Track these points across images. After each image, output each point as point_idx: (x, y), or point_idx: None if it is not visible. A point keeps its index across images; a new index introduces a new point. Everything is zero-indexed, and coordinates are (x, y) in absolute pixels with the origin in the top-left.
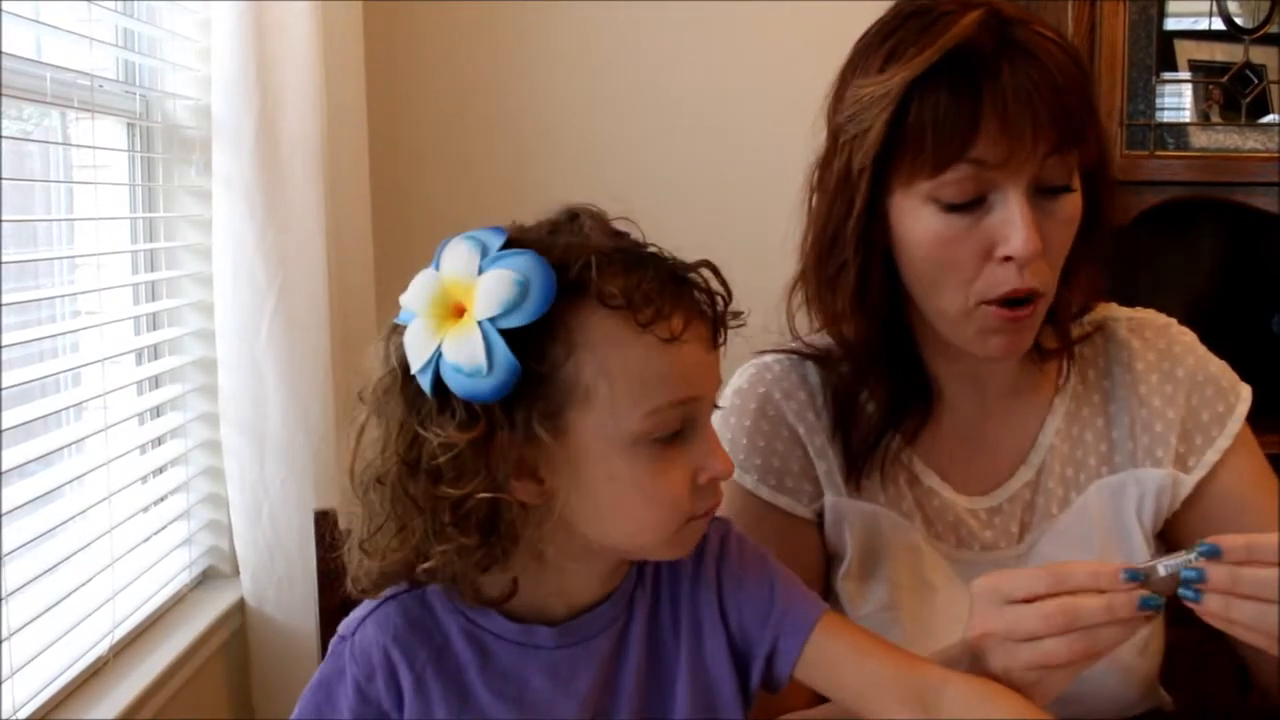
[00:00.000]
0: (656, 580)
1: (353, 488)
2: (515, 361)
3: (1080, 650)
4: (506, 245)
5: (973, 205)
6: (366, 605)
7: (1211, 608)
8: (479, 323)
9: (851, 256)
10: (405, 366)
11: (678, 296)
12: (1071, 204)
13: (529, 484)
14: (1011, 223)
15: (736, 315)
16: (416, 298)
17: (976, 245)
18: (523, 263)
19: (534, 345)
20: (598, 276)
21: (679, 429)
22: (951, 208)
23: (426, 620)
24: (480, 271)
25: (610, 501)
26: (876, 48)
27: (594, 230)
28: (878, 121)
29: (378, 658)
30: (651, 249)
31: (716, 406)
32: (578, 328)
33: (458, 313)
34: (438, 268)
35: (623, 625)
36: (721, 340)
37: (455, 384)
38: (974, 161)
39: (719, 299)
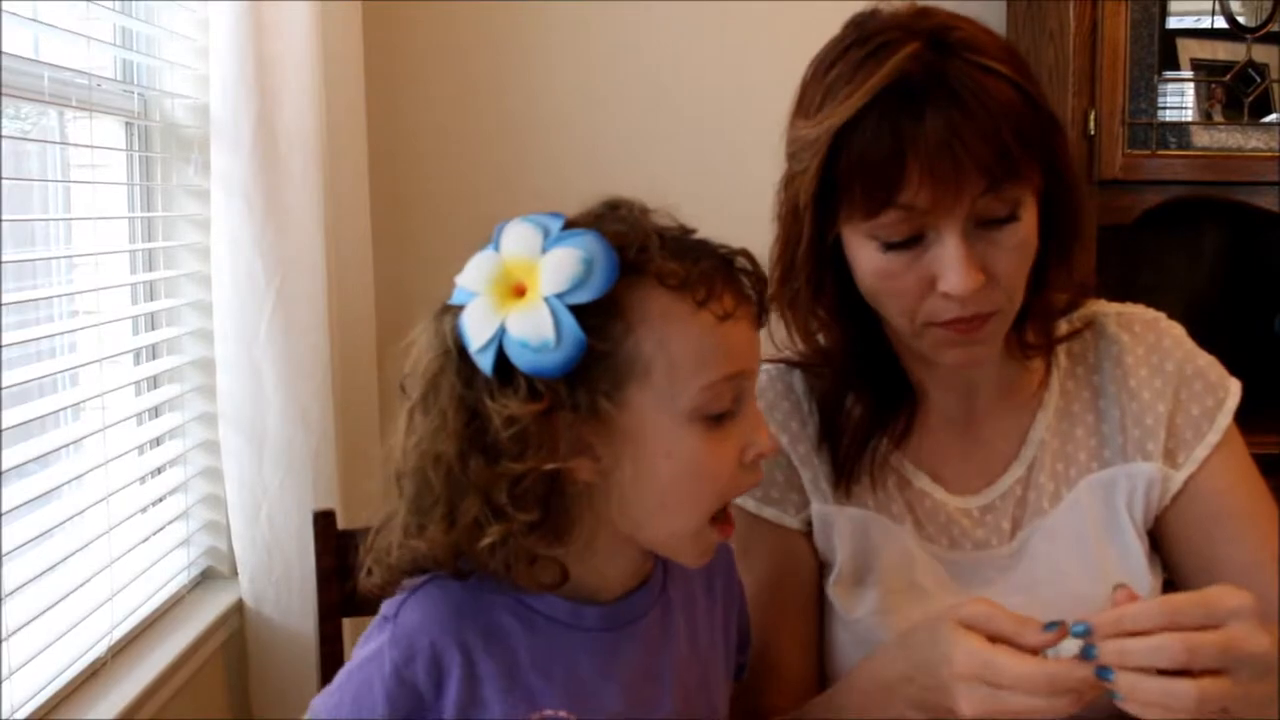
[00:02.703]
0: (681, 577)
1: (398, 475)
2: (582, 336)
3: (1045, 709)
4: (565, 228)
5: (911, 243)
6: (410, 585)
7: (1119, 686)
8: (546, 299)
9: (804, 282)
10: (460, 347)
11: (727, 278)
12: (1019, 231)
13: (586, 462)
14: (946, 262)
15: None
16: (476, 278)
17: (916, 279)
18: (587, 242)
19: (595, 322)
20: (657, 256)
21: (730, 405)
22: (890, 246)
23: (474, 599)
24: (544, 251)
25: (665, 479)
26: (819, 81)
27: (640, 217)
28: (813, 165)
29: (420, 641)
30: (695, 235)
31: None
32: (638, 305)
33: (518, 292)
34: (497, 249)
35: (661, 613)
36: (764, 323)
37: (521, 360)
38: (903, 207)
39: (761, 285)
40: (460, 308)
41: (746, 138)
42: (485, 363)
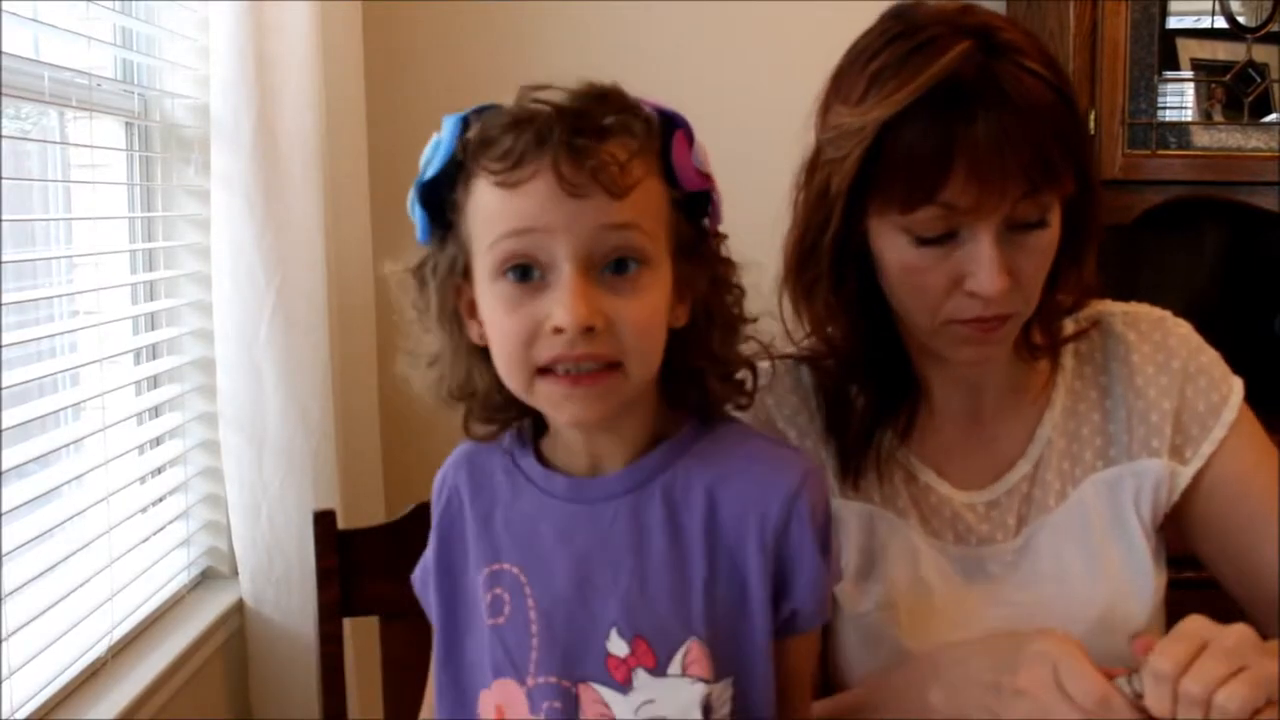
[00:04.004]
0: (692, 488)
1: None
2: (422, 211)
3: None
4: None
5: (944, 239)
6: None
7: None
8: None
9: (826, 269)
10: None
11: (539, 148)
12: (1046, 236)
13: (475, 325)
14: (979, 262)
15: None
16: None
17: (945, 276)
18: (447, 123)
19: (449, 198)
20: (481, 136)
21: (519, 262)
22: (922, 241)
23: (482, 457)
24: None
25: (491, 341)
26: (860, 69)
27: (545, 96)
28: (853, 154)
29: (441, 485)
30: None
31: (634, 278)
32: (471, 182)
33: None
34: None
35: (635, 506)
36: (580, 190)
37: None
38: (944, 205)
39: (601, 155)
40: None
41: (747, 137)
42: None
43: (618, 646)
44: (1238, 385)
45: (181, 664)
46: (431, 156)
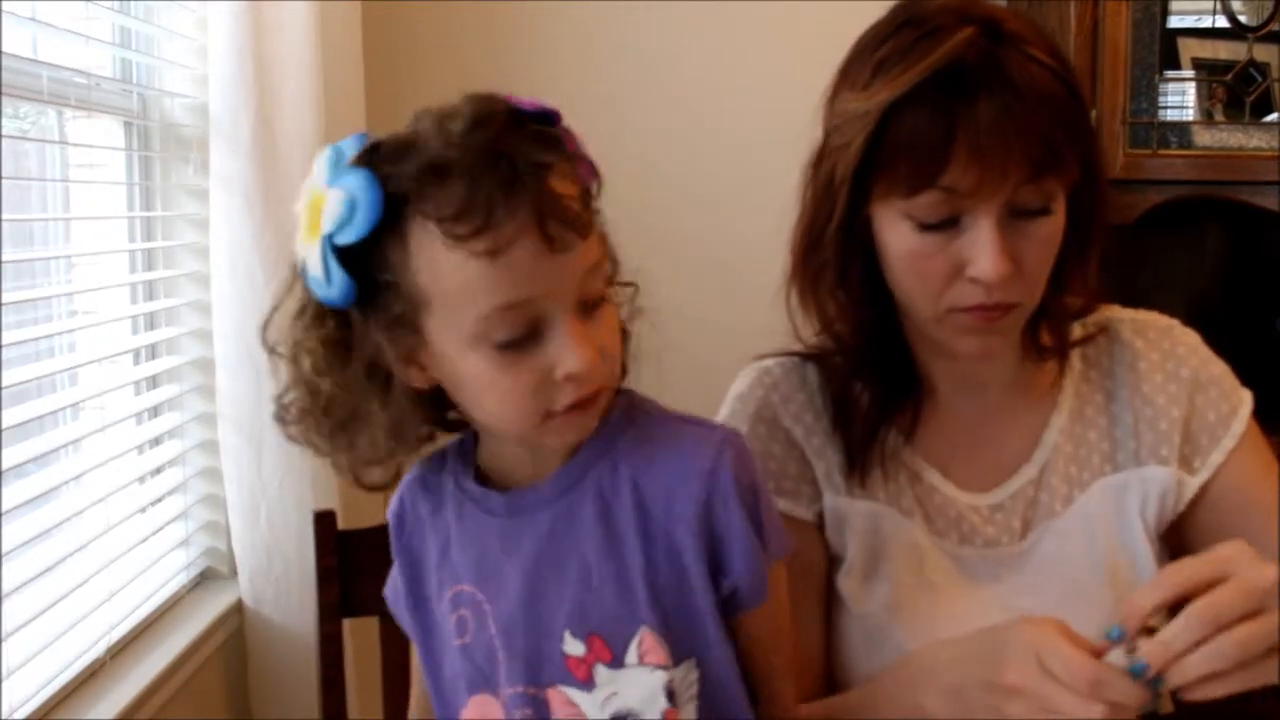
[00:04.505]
0: (605, 482)
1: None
2: (346, 276)
3: None
4: (359, 157)
5: (946, 225)
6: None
7: (1173, 680)
8: (320, 238)
9: (831, 258)
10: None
11: (510, 202)
12: (1050, 225)
13: (415, 371)
14: (980, 246)
15: (589, 211)
16: (299, 204)
17: (947, 263)
18: (353, 182)
19: (378, 255)
20: (419, 190)
21: (522, 332)
22: (925, 227)
23: (433, 478)
24: (327, 185)
25: (473, 395)
26: (867, 57)
27: (461, 130)
28: (858, 138)
29: (400, 511)
30: (552, 127)
31: (601, 305)
32: (411, 238)
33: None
34: (312, 176)
35: (568, 509)
36: (569, 244)
37: (314, 290)
38: (945, 189)
39: (567, 201)
40: None
41: (749, 137)
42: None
43: (574, 647)
44: (1247, 397)
45: (181, 664)
46: (346, 215)
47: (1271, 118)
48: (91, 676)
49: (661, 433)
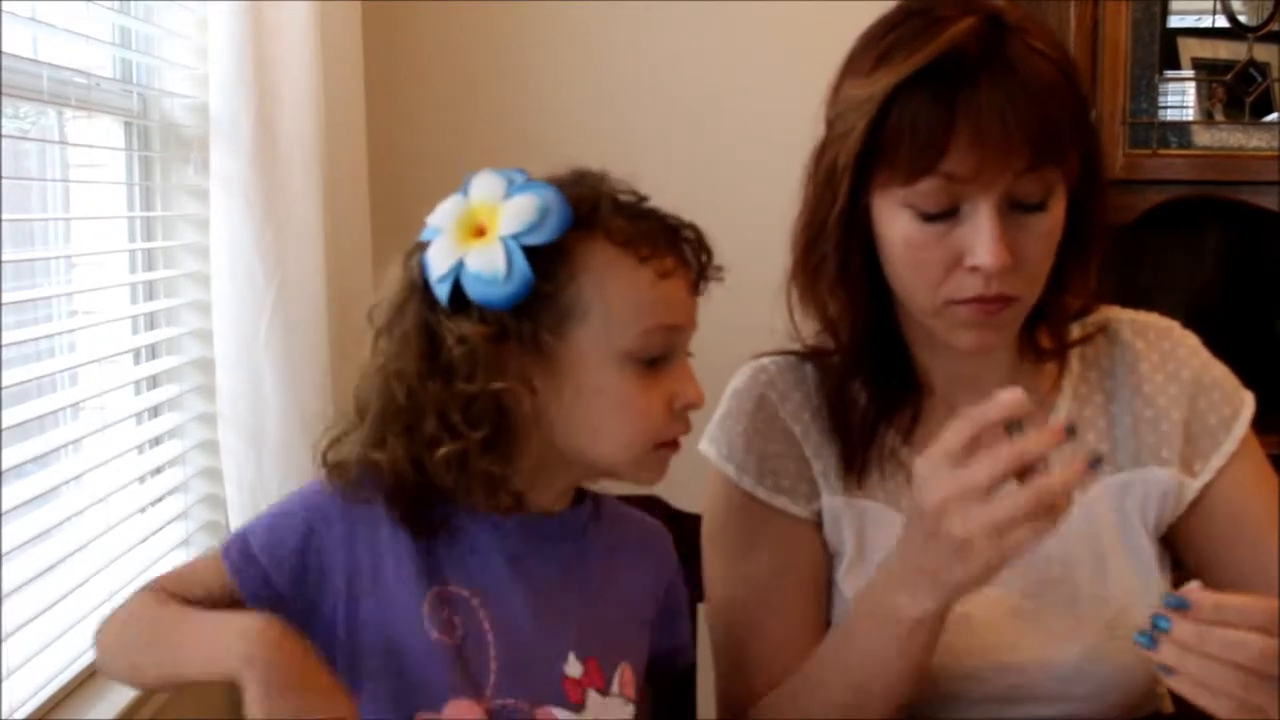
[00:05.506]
0: (610, 527)
1: (359, 394)
2: (530, 272)
3: (1032, 501)
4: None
5: (945, 215)
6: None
7: (1168, 658)
8: (502, 238)
9: (832, 249)
10: (424, 279)
11: (671, 241)
12: (1049, 220)
13: (525, 392)
14: (979, 235)
15: (718, 269)
16: (444, 217)
17: (946, 253)
18: (546, 192)
19: (545, 266)
20: (607, 215)
21: (661, 354)
22: (925, 217)
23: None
24: (506, 197)
25: (597, 414)
26: (873, 46)
27: (598, 183)
28: (859, 125)
29: (340, 512)
30: (649, 204)
31: (689, 354)
32: (584, 255)
33: (479, 232)
34: (465, 194)
35: (578, 548)
36: (701, 291)
37: (475, 290)
38: (945, 175)
39: (704, 255)
40: (427, 244)
41: (749, 137)
42: (443, 291)
43: (574, 669)
44: (1249, 400)
45: None
46: (538, 219)
47: (1271, 118)
48: (91, 676)
49: (626, 512)
